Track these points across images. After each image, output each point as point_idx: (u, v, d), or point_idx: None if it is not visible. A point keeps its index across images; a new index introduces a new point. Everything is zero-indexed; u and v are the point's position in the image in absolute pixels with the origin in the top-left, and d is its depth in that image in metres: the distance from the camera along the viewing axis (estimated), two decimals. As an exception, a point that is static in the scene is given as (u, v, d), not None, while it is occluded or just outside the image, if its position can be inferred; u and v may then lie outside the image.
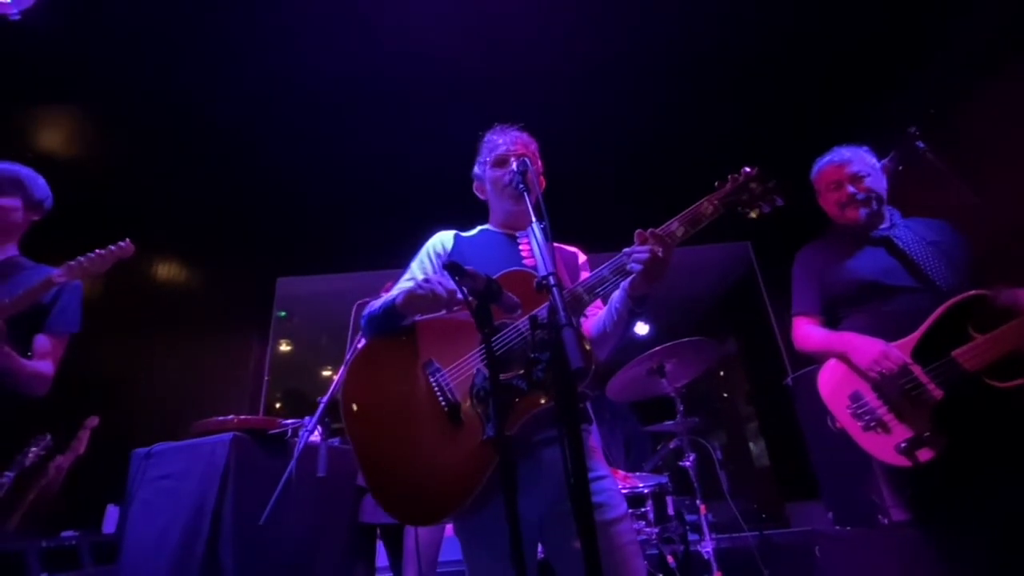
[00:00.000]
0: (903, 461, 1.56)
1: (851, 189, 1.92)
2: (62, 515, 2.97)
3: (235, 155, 4.29)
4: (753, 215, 1.36)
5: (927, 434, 1.55)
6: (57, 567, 2.65)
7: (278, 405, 8.02)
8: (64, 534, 2.88)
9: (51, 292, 1.81)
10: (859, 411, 1.69)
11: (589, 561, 0.82)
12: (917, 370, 1.62)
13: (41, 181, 1.99)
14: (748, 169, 1.38)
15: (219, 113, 3.92)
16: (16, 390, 1.74)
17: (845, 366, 1.77)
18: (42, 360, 1.80)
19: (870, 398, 1.69)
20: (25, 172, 1.95)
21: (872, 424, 1.66)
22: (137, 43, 3.37)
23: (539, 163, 1.63)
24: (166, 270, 4.68)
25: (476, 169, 1.67)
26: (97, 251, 1.84)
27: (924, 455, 1.54)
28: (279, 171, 4.51)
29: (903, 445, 1.56)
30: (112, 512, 3.23)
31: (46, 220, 2.03)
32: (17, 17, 2.77)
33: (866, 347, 1.70)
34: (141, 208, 4.32)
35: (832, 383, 1.79)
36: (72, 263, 1.79)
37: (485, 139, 1.65)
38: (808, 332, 1.93)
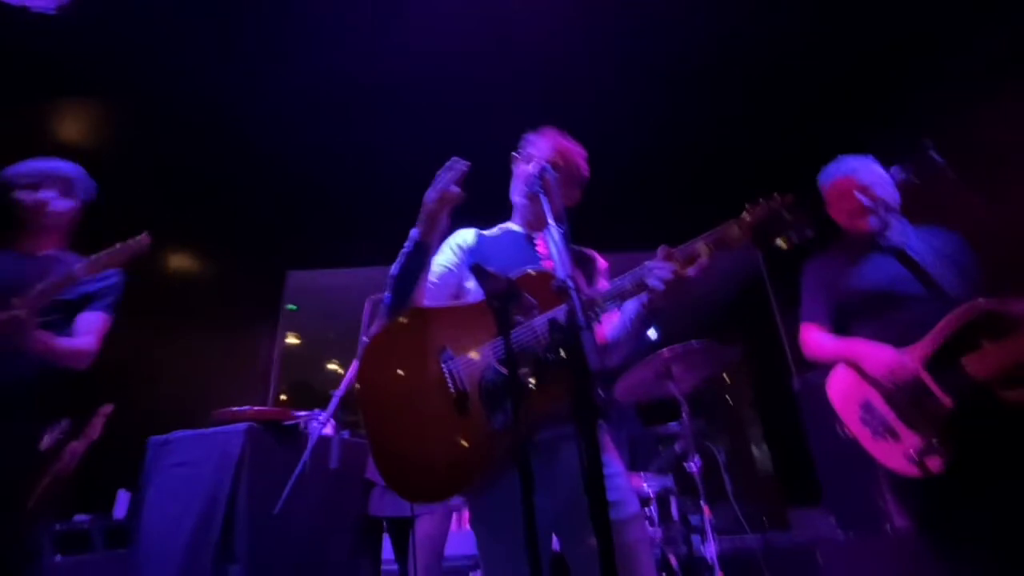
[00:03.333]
0: (912, 469, 1.57)
1: (860, 198, 1.92)
2: (74, 499, 3.01)
3: (249, 147, 4.31)
4: (781, 244, 1.29)
5: (936, 443, 1.56)
6: (70, 550, 2.70)
7: (283, 397, 8.06)
8: (77, 518, 2.93)
9: (100, 280, 1.96)
10: (869, 418, 1.71)
11: (605, 559, 0.85)
12: (927, 378, 1.63)
13: (77, 173, 2.10)
14: (781, 196, 1.31)
15: (233, 106, 3.94)
16: (57, 366, 1.87)
17: (855, 373, 1.78)
18: (82, 336, 1.92)
19: (880, 405, 1.70)
20: (61, 165, 2.06)
21: (882, 431, 1.67)
22: (153, 38, 3.40)
23: (584, 172, 1.63)
24: (178, 261, 4.73)
25: (512, 163, 1.72)
26: (117, 245, 1.92)
27: (933, 464, 1.55)
28: (292, 164, 4.53)
29: (912, 454, 1.57)
30: (123, 497, 3.27)
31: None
32: (53, 11, 2.83)
33: (878, 354, 1.71)
34: (153, 200, 4.35)
35: (843, 390, 1.81)
36: (93, 258, 1.87)
37: (527, 136, 1.68)
38: (819, 339, 1.94)
